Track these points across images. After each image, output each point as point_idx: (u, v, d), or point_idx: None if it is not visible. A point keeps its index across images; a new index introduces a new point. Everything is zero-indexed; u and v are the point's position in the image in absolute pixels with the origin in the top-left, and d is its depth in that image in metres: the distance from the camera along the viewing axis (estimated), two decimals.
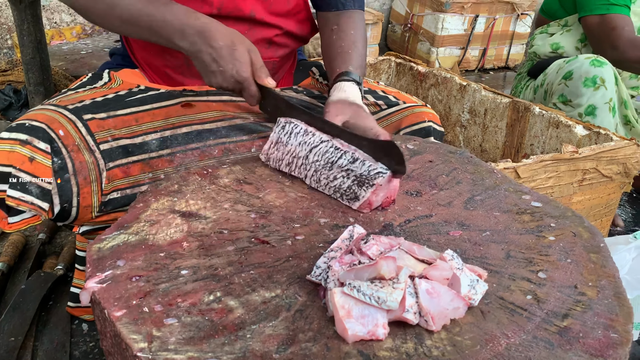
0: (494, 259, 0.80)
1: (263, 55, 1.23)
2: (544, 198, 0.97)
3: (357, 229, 0.78)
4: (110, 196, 1.05)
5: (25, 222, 0.99)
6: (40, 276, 1.45)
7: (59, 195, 0.98)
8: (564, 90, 1.96)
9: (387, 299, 0.63)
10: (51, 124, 0.99)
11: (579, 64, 1.91)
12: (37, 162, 0.96)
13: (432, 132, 1.27)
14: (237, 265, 0.76)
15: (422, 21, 3.78)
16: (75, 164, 0.99)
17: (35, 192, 0.95)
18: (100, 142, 1.04)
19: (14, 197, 0.94)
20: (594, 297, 0.72)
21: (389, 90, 1.35)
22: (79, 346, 1.30)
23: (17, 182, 0.94)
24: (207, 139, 1.14)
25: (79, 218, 1.04)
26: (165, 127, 1.11)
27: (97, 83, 1.19)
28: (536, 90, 2.24)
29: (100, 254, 0.77)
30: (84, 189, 1.01)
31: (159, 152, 1.10)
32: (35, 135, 0.97)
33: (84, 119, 1.04)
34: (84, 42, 2.46)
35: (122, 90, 1.14)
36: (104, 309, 0.67)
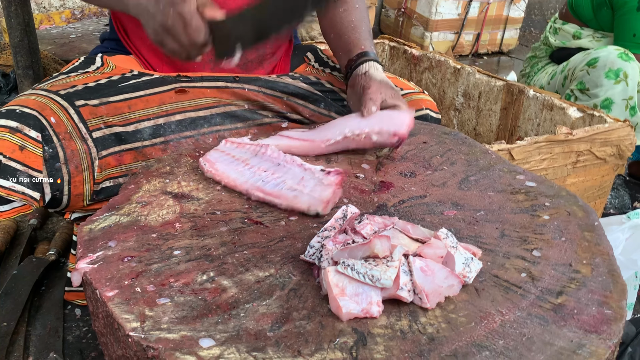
0: (489, 237, 0.79)
1: None
2: (538, 178, 0.96)
3: (350, 209, 0.77)
4: (102, 185, 1.04)
5: (16, 211, 0.97)
6: (32, 262, 1.44)
7: (49, 184, 0.96)
8: (585, 77, 1.92)
9: (381, 277, 0.63)
10: (42, 111, 0.97)
11: (606, 53, 1.88)
12: (28, 150, 0.94)
13: (429, 120, 1.26)
14: (231, 246, 0.75)
15: (415, 5, 3.75)
16: (66, 153, 0.98)
17: (25, 182, 0.94)
18: (93, 129, 1.02)
19: (4, 187, 0.92)
20: (588, 274, 0.72)
21: (386, 76, 1.33)
22: (72, 331, 1.30)
23: (8, 170, 0.92)
24: (202, 126, 1.12)
25: (71, 205, 1.02)
26: (158, 115, 1.09)
27: (90, 67, 1.17)
28: (554, 76, 2.20)
29: (92, 235, 0.76)
30: (75, 177, 0.99)
31: (152, 140, 1.08)
32: (25, 122, 0.95)
33: (76, 105, 1.02)
34: (74, 26, 2.43)
35: (115, 75, 1.12)
36: (95, 290, 0.67)
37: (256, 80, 1.20)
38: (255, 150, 0.96)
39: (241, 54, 0.98)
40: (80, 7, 3.03)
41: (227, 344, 0.59)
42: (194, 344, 0.59)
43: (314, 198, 0.83)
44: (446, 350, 0.59)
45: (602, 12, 2.16)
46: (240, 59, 1.20)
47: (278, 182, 0.88)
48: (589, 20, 2.23)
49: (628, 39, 2.05)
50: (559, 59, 2.27)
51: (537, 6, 4.98)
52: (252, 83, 1.19)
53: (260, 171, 0.91)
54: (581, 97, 1.96)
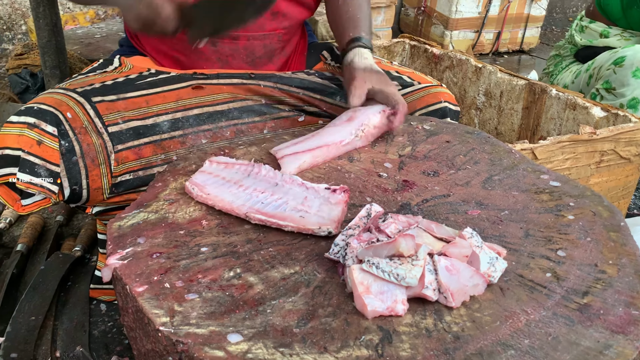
0: (513, 237, 0.79)
1: (267, 28, 1.22)
2: (562, 177, 0.96)
3: (374, 207, 0.78)
4: (121, 178, 1.06)
5: (37, 205, 1.00)
6: (58, 257, 1.47)
7: (67, 177, 0.99)
8: (611, 76, 1.89)
9: (406, 276, 0.63)
10: (59, 107, 1.00)
11: (633, 52, 1.85)
12: (45, 145, 0.97)
13: (448, 113, 1.26)
14: (256, 243, 0.77)
15: (435, 4, 3.73)
16: (82, 147, 1.00)
17: (43, 175, 0.96)
18: (109, 124, 1.05)
19: (24, 181, 0.95)
20: (614, 274, 0.71)
21: (403, 70, 1.33)
22: (98, 325, 1.32)
23: (27, 164, 0.95)
24: (219, 120, 1.14)
25: (91, 200, 1.05)
26: (176, 109, 1.11)
27: (108, 68, 1.19)
28: (578, 75, 2.16)
29: (121, 232, 0.78)
30: (92, 171, 1.01)
31: (171, 133, 1.10)
32: (42, 118, 0.98)
33: (93, 101, 1.04)
34: (98, 27, 2.47)
35: (133, 74, 1.15)
36: (125, 285, 0.68)
37: (271, 76, 1.22)
38: (247, 170, 0.91)
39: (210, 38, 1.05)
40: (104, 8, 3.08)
41: (255, 339, 0.60)
42: (222, 339, 0.60)
43: (323, 218, 0.79)
44: (471, 349, 0.60)
45: (632, 12, 2.13)
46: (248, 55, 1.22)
47: (280, 203, 0.83)
48: (617, 19, 2.19)
49: None
50: (584, 58, 2.23)
51: (559, 4, 4.92)
52: (267, 79, 1.21)
53: (258, 192, 0.86)
54: (607, 97, 1.93)
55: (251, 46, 1.22)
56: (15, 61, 1.88)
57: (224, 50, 1.21)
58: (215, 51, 1.21)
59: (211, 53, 1.21)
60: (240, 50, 1.22)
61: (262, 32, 1.22)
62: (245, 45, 1.22)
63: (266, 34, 1.23)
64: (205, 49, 1.19)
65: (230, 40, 1.20)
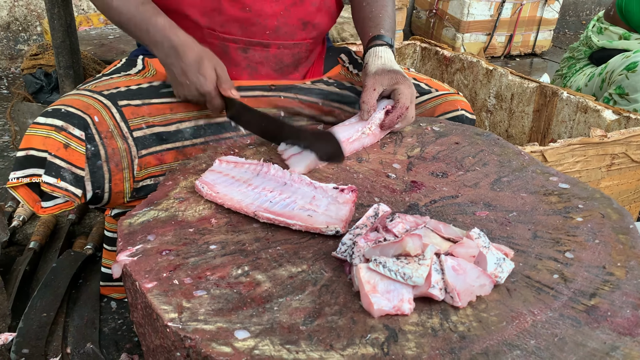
0: (521, 238, 0.79)
1: (297, 37, 1.23)
2: (571, 180, 0.96)
3: (382, 207, 0.78)
4: (143, 183, 1.07)
5: (58, 207, 1.00)
6: (70, 255, 1.49)
7: (91, 181, 0.99)
8: (623, 81, 1.89)
9: (413, 275, 0.64)
10: (86, 110, 1.01)
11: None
12: (72, 148, 0.97)
13: (465, 120, 1.26)
14: (264, 242, 0.77)
15: (447, 6, 3.73)
16: (107, 151, 1.01)
17: (69, 179, 0.97)
18: (134, 129, 1.05)
19: (49, 184, 0.95)
20: (622, 277, 0.71)
21: (420, 77, 1.34)
22: (108, 323, 1.33)
23: (52, 167, 0.96)
24: (240, 129, 1.15)
25: (111, 202, 1.05)
26: (199, 117, 1.13)
27: (132, 70, 1.20)
28: (591, 78, 2.15)
29: (131, 229, 0.79)
30: (116, 175, 1.02)
31: (193, 140, 1.11)
32: (70, 121, 0.98)
33: (119, 104, 1.05)
34: (112, 28, 2.49)
35: (156, 81, 1.16)
36: (135, 281, 0.69)
37: (291, 88, 1.23)
38: (257, 169, 0.93)
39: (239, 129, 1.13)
40: None
41: (262, 336, 0.61)
42: (229, 335, 0.61)
43: (331, 217, 0.80)
44: (477, 349, 0.60)
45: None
46: (277, 63, 1.24)
47: (288, 202, 0.84)
48: (638, 27, 2.18)
49: None
50: (598, 61, 2.21)
51: (572, 7, 4.89)
52: (287, 91, 1.22)
53: (266, 191, 0.87)
54: (620, 102, 1.92)
55: (281, 54, 1.23)
56: (30, 61, 1.91)
57: (254, 57, 1.22)
58: (246, 57, 1.21)
59: (241, 59, 1.21)
60: (270, 58, 1.23)
61: (293, 42, 1.23)
62: (275, 54, 1.23)
63: (296, 43, 1.24)
64: (236, 54, 1.20)
65: (262, 48, 1.21)
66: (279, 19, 1.18)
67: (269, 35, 1.19)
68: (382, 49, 1.18)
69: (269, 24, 1.18)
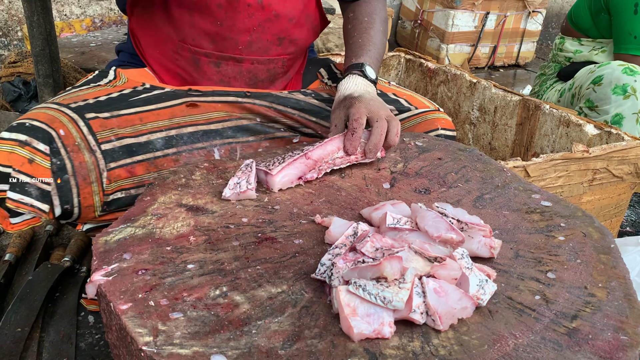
0: (503, 258, 0.79)
1: (272, 53, 1.21)
2: (553, 197, 0.96)
3: (361, 226, 0.77)
4: (113, 196, 1.05)
5: (26, 223, 0.98)
6: (47, 268, 1.46)
7: (58, 196, 0.97)
8: (592, 95, 1.93)
9: (393, 299, 0.63)
10: (52, 124, 0.98)
11: (610, 70, 1.89)
12: (36, 163, 0.95)
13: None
14: (244, 260, 0.76)
15: (432, 17, 3.75)
16: (74, 165, 0.98)
17: (34, 194, 0.95)
18: (102, 141, 1.03)
19: (14, 200, 0.93)
20: (603, 298, 0.71)
21: (400, 92, 1.32)
22: (85, 338, 1.31)
23: (17, 183, 0.93)
24: (214, 138, 1.13)
25: (82, 217, 1.03)
26: (170, 127, 1.10)
27: (102, 81, 1.18)
28: (562, 94, 2.21)
29: (107, 247, 0.77)
30: (84, 189, 1.00)
31: (165, 151, 1.09)
32: (34, 135, 0.96)
33: (87, 117, 1.03)
34: (93, 35, 2.46)
35: (127, 89, 1.14)
36: (109, 302, 0.67)
37: (267, 95, 1.20)
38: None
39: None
40: (101, 16, 3.08)
41: None
42: None
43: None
44: None
45: (600, 18, 2.20)
46: (250, 78, 1.22)
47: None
48: (588, 29, 2.25)
49: (629, 42, 2.07)
50: (566, 76, 2.28)
51: (555, 19, 4.96)
52: (263, 99, 1.19)
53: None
54: (590, 114, 1.96)
55: (255, 69, 1.21)
56: (9, 69, 1.87)
57: (227, 72, 1.20)
58: (218, 72, 1.19)
59: (214, 73, 1.19)
60: (244, 73, 1.21)
61: (267, 57, 1.21)
62: (249, 69, 1.20)
63: (271, 59, 1.21)
64: (208, 68, 1.18)
65: (234, 63, 1.19)
66: (252, 34, 1.15)
67: (242, 50, 1.17)
68: (349, 78, 1.13)
69: (241, 39, 1.15)
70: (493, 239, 0.77)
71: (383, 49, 1.24)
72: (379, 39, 1.23)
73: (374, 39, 1.22)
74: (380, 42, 1.23)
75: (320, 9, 1.29)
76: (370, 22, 1.24)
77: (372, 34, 1.22)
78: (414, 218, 0.78)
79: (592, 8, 2.23)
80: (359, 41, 1.20)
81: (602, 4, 2.17)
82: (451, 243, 0.73)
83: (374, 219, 0.84)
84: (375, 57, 1.19)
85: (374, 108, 1.03)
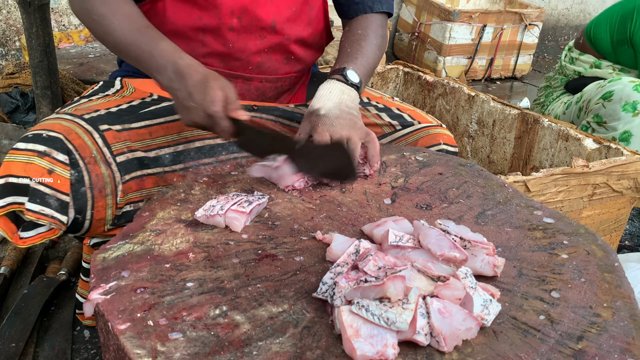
0: (506, 276, 0.78)
1: (281, 72, 1.21)
2: (556, 214, 0.95)
3: (363, 244, 0.76)
4: (123, 209, 1.03)
5: (41, 237, 0.95)
6: (42, 281, 1.44)
7: (74, 208, 0.95)
8: (600, 110, 1.91)
9: (397, 320, 0.61)
10: (68, 135, 0.97)
11: (621, 86, 1.87)
12: (57, 174, 0.93)
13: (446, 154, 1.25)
14: (244, 278, 0.75)
15: (429, 30, 3.77)
16: (92, 177, 0.96)
17: (54, 205, 0.92)
18: (117, 153, 1.01)
19: (34, 211, 0.91)
20: (609, 318, 0.70)
21: (404, 107, 1.32)
22: (80, 353, 1.29)
23: (36, 194, 0.91)
24: (220, 153, 1.13)
25: (92, 230, 1.01)
26: (178, 142, 1.09)
27: (109, 90, 1.17)
28: (569, 106, 2.18)
29: (105, 264, 0.76)
30: (98, 202, 0.98)
31: (172, 167, 1.08)
32: (53, 146, 0.94)
33: (101, 129, 1.01)
34: (92, 46, 2.45)
35: (135, 100, 1.13)
36: (107, 322, 0.66)
37: (274, 110, 1.21)
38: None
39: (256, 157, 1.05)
40: None
41: None
42: None
43: None
44: None
45: (622, 49, 2.15)
46: (258, 95, 1.21)
47: None
48: (607, 54, 2.22)
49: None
50: (574, 89, 2.26)
51: (551, 32, 4.98)
52: (270, 113, 1.20)
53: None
54: (598, 130, 1.94)
55: (263, 87, 1.22)
56: (6, 80, 1.86)
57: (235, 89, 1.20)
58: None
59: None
60: (252, 91, 1.22)
61: (276, 76, 1.22)
62: (257, 87, 1.21)
63: (279, 77, 1.23)
64: None
65: (244, 81, 1.19)
66: (263, 55, 1.16)
67: (252, 70, 1.18)
68: (326, 83, 1.11)
69: (252, 60, 1.16)
70: (496, 257, 0.77)
71: (375, 60, 1.23)
72: (370, 50, 1.22)
73: (364, 49, 1.21)
74: (371, 53, 1.22)
75: (327, 27, 1.29)
76: (364, 34, 1.24)
77: (363, 45, 1.21)
78: (416, 235, 0.77)
79: (614, 37, 2.18)
80: (347, 50, 1.20)
81: (627, 37, 2.12)
82: (454, 261, 0.72)
83: (375, 236, 0.84)
84: (363, 65, 1.18)
85: (336, 129, 1.03)
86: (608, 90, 1.91)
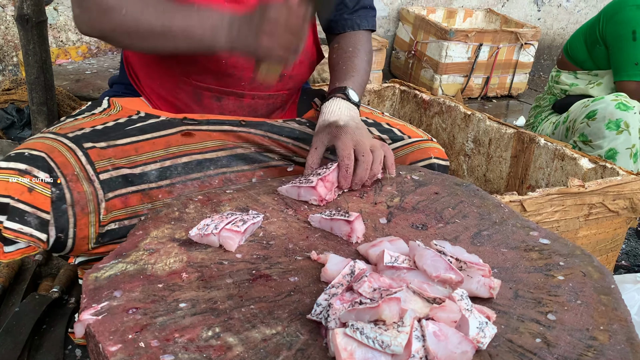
0: (502, 298, 0.77)
1: (273, 89, 1.22)
2: (552, 235, 0.95)
3: (358, 265, 0.76)
4: (107, 227, 1.03)
5: (20, 252, 0.96)
6: (34, 299, 1.42)
7: (55, 226, 0.95)
8: (585, 129, 1.95)
9: (392, 343, 0.61)
10: (50, 153, 0.97)
11: (604, 105, 1.90)
12: (37, 192, 0.93)
13: (437, 168, 1.25)
14: (237, 299, 0.74)
15: (426, 48, 3.80)
16: (73, 195, 0.97)
17: (34, 223, 0.93)
18: (100, 171, 1.02)
19: (12, 229, 0.91)
20: (605, 342, 0.69)
21: (394, 122, 1.33)
22: None
23: (16, 213, 0.91)
24: (208, 168, 1.12)
25: (75, 249, 1.00)
26: (165, 157, 1.09)
27: (96, 110, 1.17)
28: (557, 126, 2.23)
29: (97, 284, 0.75)
30: (81, 220, 0.98)
31: (158, 182, 1.08)
32: (34, 164, 0.95)
33: (84, 147, 1.02)
34: (89, 62, 2.46)
35: (122, 118, 1.13)
36: (98, 343, 0.65)
37: (262, 124, 1.20)
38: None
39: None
40: (97, 42, 3.09)
41: None
42: None
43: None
44: None
45: (596, 50, 2.24)
46: (250, 112, 1.22)
47: None
48: (584, 61, 2.29)
49: (630, 68, 2.09)
50: (561, 108, 2.30)
51: (547, 51, 5.03)
52: (258, 127, 1.19)
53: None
54: (585, 149, 1.97)
55: (255, 104, 1.23)
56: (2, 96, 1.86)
57: (227, 106, 1.21)
58: (219, 105, 1.20)
59: (215, 107, 1.20)
60: (244, 107, 1.22)
61: (268, 93, 1.23)
62: (249, 103, 1.22)
63: (271, 94, 1.23)
64: (209, 102, 1.19)
65: (236, 98, 1.20)
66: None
67: (244, 86, 1.18)
68: (333, 101, 1.14)
69: (245, 76, 1.17)
70: (492, 279, 0.76)
71: (367, 77, 1.28)
72: (363, 68, 1.27)
73: (358, 66, 1.25)
74: (364, 70, 1.27)
75: (317, 45, 1.30)
76: (355, 52, 1.28)
77: (356, 62, 1.26)
78: (412, 256, 0.77)
79: (588, 40, 2.27)
80: (342, 68, 1.24)
81: (598, 35, 2.21)
82: (450, 283, 0.72)
83: (371, 256, 0.83)
84: (359, 82, 1.22)
85: (359, 138, 1.06)
86: (592, 110, 1.94)
